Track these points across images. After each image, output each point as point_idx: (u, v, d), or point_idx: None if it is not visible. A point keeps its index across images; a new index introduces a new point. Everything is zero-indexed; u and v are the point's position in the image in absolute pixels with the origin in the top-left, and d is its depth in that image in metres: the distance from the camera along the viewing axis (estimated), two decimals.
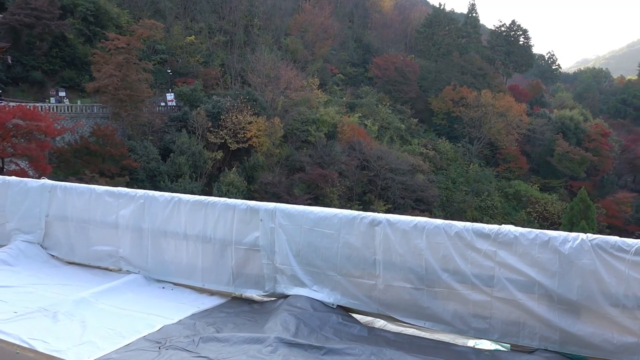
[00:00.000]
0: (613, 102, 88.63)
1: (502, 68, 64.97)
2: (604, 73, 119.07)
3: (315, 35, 52.67)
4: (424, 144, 50.72)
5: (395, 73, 54.72)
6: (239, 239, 4.33)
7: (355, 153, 41.88)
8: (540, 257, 3.29)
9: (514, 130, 53.42)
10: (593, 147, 57.43)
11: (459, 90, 54.41)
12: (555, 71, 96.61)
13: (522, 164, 54.59)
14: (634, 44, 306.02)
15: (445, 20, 59.79)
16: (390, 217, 3.78)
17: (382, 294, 3.77)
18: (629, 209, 53.05)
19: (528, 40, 66.41)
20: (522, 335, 3.40)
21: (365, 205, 40.57)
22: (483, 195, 47.30)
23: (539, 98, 68.54)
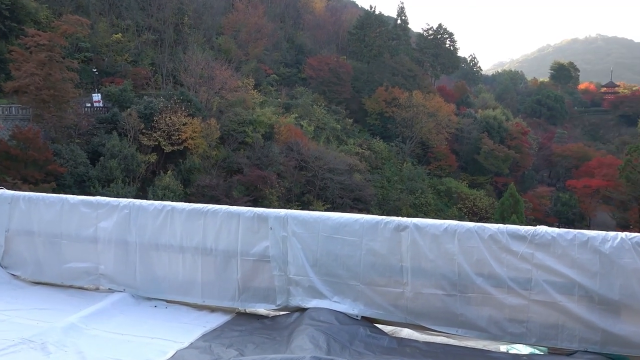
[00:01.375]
0: (529, 103, 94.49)
1: (430, 70, 67.41)
2: (519, 75, 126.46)
3: (249, 35, 51.93)
4: (360, 144, 51.44)
5: (330, 74, 55.12)
6: (246, 249, 3.99)
7: (293, 154, 41.69)
8: (580, 257, 3.23)
9: (444, 130, 55.44)
10: (515, 145, 60.86)
11: (391, 91, 55.71)
12: (477, 73, 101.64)
13: (451, 162, 56.78)
14: (543, 48, 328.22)
15: (376, 23, 61.03)
16: (417, 222, 3.60)
17: (410, 302, 3.59)
18: (548, 202, 56.70)
19: (454, 43, 69.44)
20: (561, 337, 3.33)
21: (304, 206, 40.43)
22: (417, 193, 48.66)
23: (465, 99, 71.68)
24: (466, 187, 53.48)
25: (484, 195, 52.96)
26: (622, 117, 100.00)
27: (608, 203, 58.50)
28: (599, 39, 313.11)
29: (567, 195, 56.60)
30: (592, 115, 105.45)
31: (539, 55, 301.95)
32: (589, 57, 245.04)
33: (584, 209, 55.70)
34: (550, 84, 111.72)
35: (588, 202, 56.21)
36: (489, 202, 51.92)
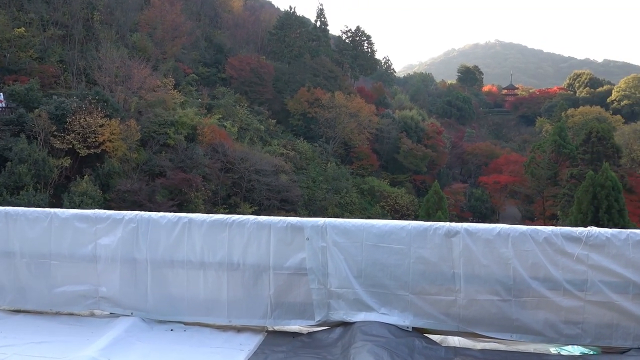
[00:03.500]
0: (440, 104, 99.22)
1: (350, 71, 68.74)
2: (430, 77, 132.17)
3: (166, 33, 49.88)
4: (284, 145, 51.24)
5: (251, 74, 54.42)
6: (279, 262, 3.69)
7: (218, 155, 40.63)
8: (635, 257, 3.30)
9: (365, 130, 56.68)
10: (431, 144, 63.62)
11: (313, 92, 56.06)
12: (391, 75, 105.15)
13: (373, 161, 58.22)
14: (449, 52, 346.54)
15: (297, 24, 61.18)
16: (468, 227, 3.51)
17: (463, 310, 3.49)
18: (463, 197, 59.77)
19: (371, 45, 71.37)
20: (615, 336, 3.38)
21: (231, 209, 39.61)
22: (342, 193, 49.31)
23: (382, 100, 73.80)
24: (388, 186, 55.00)
25: (405, 193, 54.77)
26: (521, 117, 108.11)
27: (515, 197, 62.89)
28: (497, 44, 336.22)
29: (480, 190, 60.05)
30: (496, 116, 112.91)
31: (445, 58, 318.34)
32: (489, 61, 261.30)
33: (494, 203, 59.36)
34: (457, 86, 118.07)
35: (498, 197, 60.01)
36: (410, 200, 53.81)
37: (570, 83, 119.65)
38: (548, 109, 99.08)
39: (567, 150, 54.36)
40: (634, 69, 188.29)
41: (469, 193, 60.55)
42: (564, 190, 48.62)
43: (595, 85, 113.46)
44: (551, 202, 53.43)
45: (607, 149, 49.64)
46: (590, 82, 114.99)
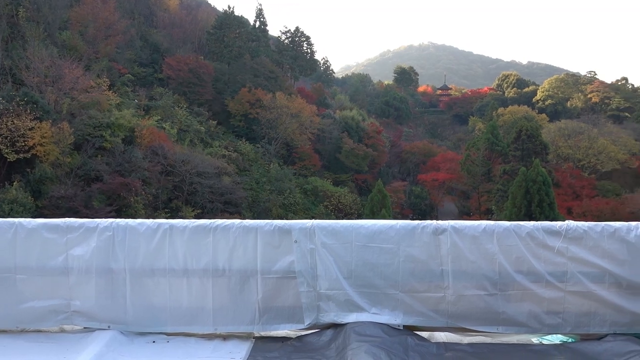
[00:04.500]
0: (378, 104, 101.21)
1: (290, 72, 68.68)
2: (367, 78, 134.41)
3: (98, 31, 47.76)
4: (225, 146, 50.48)
5: (190, 74, 53.18)
6: (267, 266, 3.62)
7: (158, 158, 39.40)
8: (610, 247, 3.49)
9: (307, 130, 56.85)
10: (371, 143, 64.72)
11: (254, 93, 55.58)
12: (330, 76, 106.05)
13: (315, 161, 58.50)
14: (384, 53, 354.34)
15: (236, 24, 60.39)
16: (455, 224, 3.58)
17: (452, 306, 3.56)
18: (403, 195, 61.25)
19: (311, 46, 71.69)
20: (593, 324, 3.56)
21: (173, 213, 38.57)
22: (286, 193, 49.21)
23: (323, 100, 74.30)
24: (331, 185, 55.44)
25: (348, 192, 55.40)
26: (455, 117, 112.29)
27: (452, 194, 65.29)
28: (430, 46, 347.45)
29: (419, 188, 61.79)
30: (431, 115, 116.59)
31: (381, 59, 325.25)
32: (423, 63, 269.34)
33: (433, 200, 61.28)
34: (394, 87, 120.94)
35: (436, 194, 62.01)
36: (353, 199, 54.48)
37: (499, 84, 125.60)
38: (480, 109, 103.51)
39: (499, 148, 57.02)
40: (556, 70, 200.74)
41: (408, 191, 62.12)
42: (497, 186, 50.97)
43: (522, 86, 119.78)
44: (486, 198, 55.84)
45: (536, 146, 52.51)
46: (517, 83, 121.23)
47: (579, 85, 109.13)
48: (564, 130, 64.42)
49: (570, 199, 49.98)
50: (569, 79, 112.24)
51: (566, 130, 64.66)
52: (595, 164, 59.35)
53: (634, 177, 59.66)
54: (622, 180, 58.13)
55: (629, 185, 56.05)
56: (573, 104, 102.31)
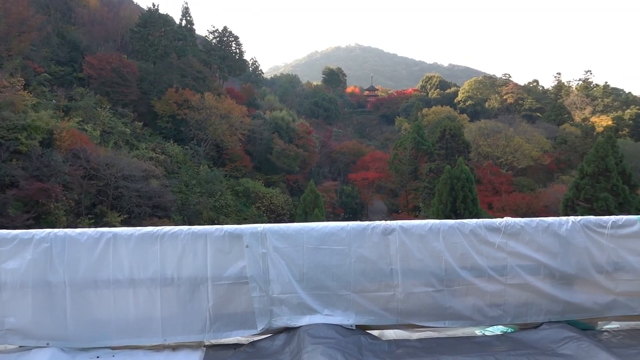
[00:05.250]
0: (308, 105, 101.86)
1: (218, 72, 67.43)
2: (296, 79, 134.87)
3: (11, 27, 44.45)
4: (153, 148, 48.72)
5: (113, 74, 50.80)
6: (217, 273, 3.56)
7: (80, 162, 37.32)
8: (544, 241, 3.74)
9: (237, 131, 56.11)
10: (302, 143, 64.98)
11: (182, 93, 54.08)
12: (259, 76, 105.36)
13: (246, 162, 57.90)
14: (312, 54, 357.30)
15: (161, 22, 58.38)
16: (403, 224, 3.70)
17: (401, 304, 3.67)
18: (334, 195, 62.01)
19: (239, 46, 70.74)
20: (530, 313, 3.80)
21: (97, 219, 36.77)
22: (216, 195, 48.31)
23: (252, 101, 73.67)
24: (262, 186, 55.09)
25: (280, 193, 55.29)
26: (382, 117, 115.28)
27: (381, 192, 67.00)
28: (357, 48, 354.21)
29: (350, 187, 62.80)
30: (359, 116, 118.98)
31: (309, 60, 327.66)
32: (350, 64, 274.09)
33: (364, 199, 62.48)
34: (323, 87, 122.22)
35: (366, 192, 63.29)
36: (285, 199, 54.46)
37: (423, 85, 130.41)
38: (405, 109, 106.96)
39: (425, 147, 59.21)
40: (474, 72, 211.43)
41: (340, 190, 62.97)
42: (424, 184, 52.87)
43: (444, 87, 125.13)
44: (413, 195, 57.79)
45: (459, 145, 55.00)
46: (440, 85, 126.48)
47: (496, 87, 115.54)
48: (483, 129, 67.89)
49: (490, 194, 52.77)
50: (487, 81, 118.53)
51: (485, 129, 68.18)
52: (512, 161, 63.05)
53: (547, 173, 64.06)
54: (536, 176, 62.19)
55: (542, 180, 60.06)
56: (491, 105, 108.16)
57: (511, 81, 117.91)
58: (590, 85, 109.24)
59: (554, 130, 77.27)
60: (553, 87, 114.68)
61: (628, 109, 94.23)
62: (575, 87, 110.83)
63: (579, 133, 74.30)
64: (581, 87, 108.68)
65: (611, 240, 3.78)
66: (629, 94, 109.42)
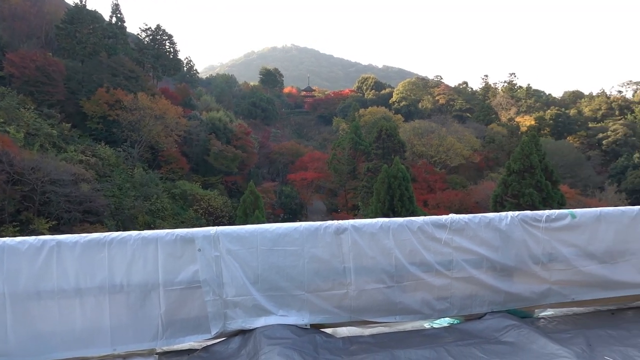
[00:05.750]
0: (245, 105, 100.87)
1: (152, 71, 65.32)
2: (233, 79, 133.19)
3: None
4: (82, 151, 46.47)
5: (37, 72, 47.99)
6: (169, 278, 3.50)
7: (3, 165, 35.01)
8: (486, 236, 3.95)
9: (173, 132, 54.69)
10: (240, 144, 64.28)
11: (114, 93, 51.97)
12: (195, 76, 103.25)
13: (183, 164, 56.54)
14: (249, 54, 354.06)
15: (89, 18, 55.77)
16: (354, 223, 3.78)
17: (354, 301, 3.75)
18: (274, 195, 61.85)
19: (174, 45, 68.88)
20: (474, 305, 4.00)
21: (22, 226, 34.71)
22: (152, 199, 46.84)
23: (188, 101, 72.03)
24: (200, 189, 54.01)
25: (218, 195, 54.43)
26: (320, 117, 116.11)
27: (320, 192, 67.46)
28: (293, 48, 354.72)
29: (289, 188, 62.84)
30: (297, 116, 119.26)
31: (246, 60, 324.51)
32: (287, 64, 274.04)
33: (303, 199, 62.71)
34: (260, 88, 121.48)
35: (305, 193, 63.56)
36: (223, 201, 53.69)
37: (359, 86, 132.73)
38: (342, 110, 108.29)
39: (362, 147, 60.27)
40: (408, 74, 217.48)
41: (279, 191, 62.87)
42: (362, 183, 53.83)
43: (379, 88, 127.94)
44: (352, 194, 58.67)
45: (395, 144, 56.42)
46: (375, 85, 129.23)
47: (428, 88, 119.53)
48: (417, 129, 70.04)
49: (425, 192, 54.55)
50: (420, 82, 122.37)
51: (419, 129, 70.39)
52: (445, 160, 65.47)
53: (477, 170, 67.03)
54: (467, 173, 64.91)
55: (473, 178, 62.77)
56: (424, 105, 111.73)
57: (442, 83, 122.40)
58: (514, 87, 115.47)
59: (482, 129, 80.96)
60: (481, 89, 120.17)
61: (548, 109, 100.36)
62: (501, 89, 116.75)
63: (506, 132, 78.26)
64: (506, 89, 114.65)
65: (545, 233, 4.04)
66: (549, 96, 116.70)
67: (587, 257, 4.12)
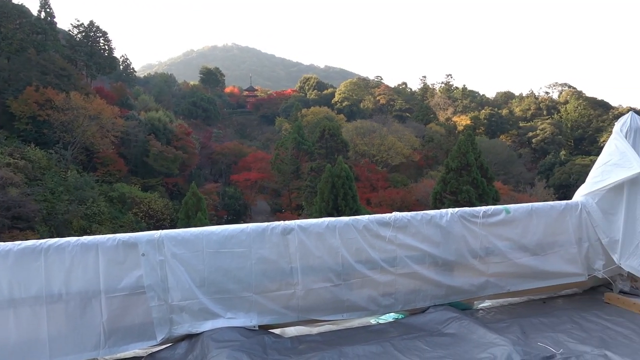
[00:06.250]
0: (185, 105, 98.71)
1: (85, 69, 62.57)
2: (172, 78, 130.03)
3: None
4: (10, 153, 43.85)
5: None
6: (111, 285, 3.39)
7: None
8: (428, 232, 4.09)
9: (109, 133, 52.72)
10: (181, 145, 62.83)
11: (44, 92, 49.37)
12: (132, 75, 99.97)
13: (120, 166, 54.62)
14: (188, 53, 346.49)
15: (15, 13, 52.68)
16: (301, 223, 3.81)
17: (301, 301, 3.78)
18: (217, 197, 60.93)
19: (108, 42, 66.25)
20: (418, 299, 4.13)
21: None
22: (88, 203, 44.90)
23: (125, 101, 69.66)
24: (139, 191, 52.36)
25: (158, 197, 52.99)
26: (262, 117, 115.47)
27: (264, 192, 67.08)
28: (234, 47, 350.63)
29: (232, 189, 62.09)
30: (239, 116, 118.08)
31: (185, 59, 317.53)
32: (228, 64, 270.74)
33: (247, 200, 62.16)
34: (201, 87, 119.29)
35: (249, 193, 63.04)
36: (164, 204, 52.32)
37: (301, 86, 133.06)
38: (285, 110, 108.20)
39: (305, 147, 60.52)
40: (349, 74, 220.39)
41: (222, 192, 61.98)
42: (306, 183, 54.02)
43: (321, 88, 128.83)
44: (296, 194, 58.76)
45: (338, 144, 57.06)
46: (317, 86, 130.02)
47: (369, 88, 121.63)
48: (360, 129, 71.14)
49: (368, 190, 55.52)
50: (361, 83, 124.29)
51: (362, 129, 71.53)
52: (387, 159, 66.88)
53: (417, 169, 68.95)
54: (408, 172, 66.63)
55: (413, 176, 64.52)
56: (365, 105, 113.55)
57: (383, 83, 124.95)
58: (451, 88, 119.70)
59: (422, 129, 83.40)
60: (420, 89, 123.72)
61: (483, 109, 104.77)
62: (438, 90, 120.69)
63: (443, 132, 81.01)
64: (443, 90, 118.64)
65: (483, 228, 4.24)
66: (483, 96, 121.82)
67: (520, 249, 4.36)
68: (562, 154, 77.53)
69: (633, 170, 4.33)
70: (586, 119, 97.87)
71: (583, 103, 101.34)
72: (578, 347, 3.57)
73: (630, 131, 4.56)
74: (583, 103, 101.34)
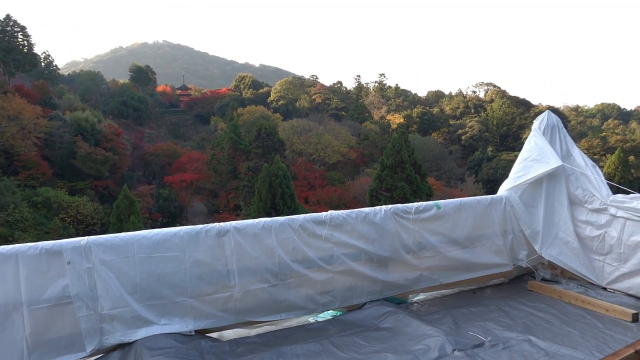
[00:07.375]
0: (115, 104, 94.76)
1: (2, 66, 58.48)
2: (99, 76, 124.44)
3: None
4: None
5: None
6: (34, 296, 3.21)
7: None
8: (363, 230, 4.16)
9: (31, 135, 49.73)
10: (111, 146, 60.27)
11: None
12: (54, 72, 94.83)
13: (45, 169, 51.67)
14: (116, 50, 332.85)
15: None
16: (237, 224, 3.77)
17: (239, 303, 3.75)
18: (151, 199, 59.00)
19: (28, 37, 62.30)
20: (355, 296, 4.20)
21: None
22: (9, 209, 42.14)
23: (48, 100, 65.90)
24: (66, 195, 49.71)
25: (87, 201, 50.57)
26: (197, 117, 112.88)
27: (201, 193, 65.65)
28: (165, 45, 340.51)
29: (167, 190, 60.29)
30: (172, 116, 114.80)
31: (113, 56, 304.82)
32: (159, 62, 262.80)
33: (182, 201, 60.64)
34: (131, 86, 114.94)
35: (185, 195, 61.53)
36: (94, 208, 50.02)
37: (236, 85, 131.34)
38: (220, 109, 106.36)
39: (242, 146, 59.79)
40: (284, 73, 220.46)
41: (156, 194, 60.05)
42: (244, 183, 53.44)
43: (257, 87, 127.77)
44: (233, 195, 57.95)
45: (275, 143, 56.86)
46: (253, 84, 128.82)
47: (305, 87, 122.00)
48: (296, 128, 71.23)
49: (306, 189, 55.72)
50: (296, 82, 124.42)
51: (298, 128, 71.64)
52: (324, 157, 67.39)
53: (354, 166, 70.01)
54: (344, 170, 67.50)
55: (350, 174, 65.45)
56: (301, 104, 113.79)
57: (318, 82, 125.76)
58: (384, 87, 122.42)
59: (357, 127, 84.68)
60: (354, 88, 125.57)
61: (415, 108, 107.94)
62: (372, 89, 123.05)
63: (378, 130, 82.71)
64: (377, 89, 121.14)
65: (415, 224, 4.37)
66: (415, 95, 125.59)
67: (451, 243, 4.53)
68: (489, 150, 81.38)
69: (550, 165, 4.62)
70: (510, 117, 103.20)
71: (507, 102, 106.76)
72: (505, 333, 3.76)
73: (547, 128, 4.86)
74: (507, 102, 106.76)
